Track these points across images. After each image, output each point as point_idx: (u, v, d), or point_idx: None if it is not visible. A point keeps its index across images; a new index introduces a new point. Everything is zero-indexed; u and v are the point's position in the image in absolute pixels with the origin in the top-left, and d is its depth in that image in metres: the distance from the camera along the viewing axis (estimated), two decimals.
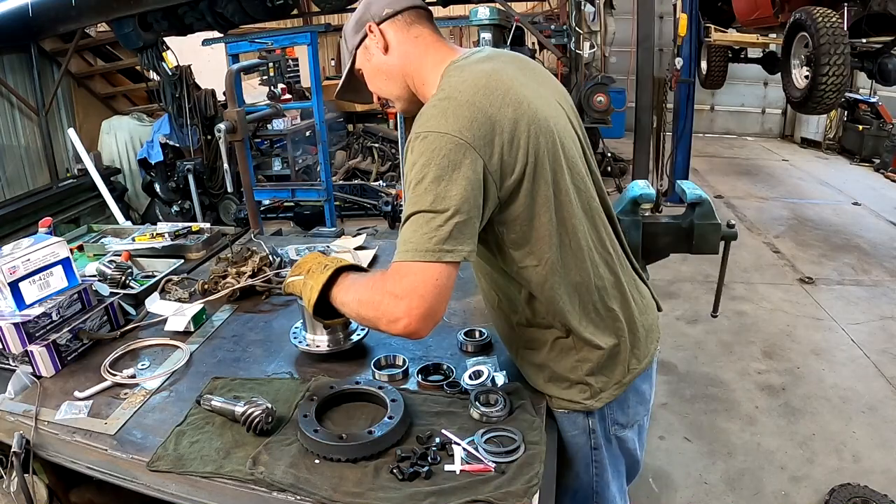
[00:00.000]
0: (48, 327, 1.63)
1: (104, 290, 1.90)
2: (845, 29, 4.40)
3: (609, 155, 8.61)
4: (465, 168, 1.12)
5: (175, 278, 2.10)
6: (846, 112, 9.50)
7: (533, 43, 6.16)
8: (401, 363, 1.55)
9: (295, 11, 6.28)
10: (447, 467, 1.19)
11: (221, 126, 3.33)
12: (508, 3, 4.95)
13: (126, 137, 6.65)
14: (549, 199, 1.22)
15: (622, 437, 1.47)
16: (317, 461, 1.22)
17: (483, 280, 1.45)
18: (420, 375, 1.49)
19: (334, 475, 1.19)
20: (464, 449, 1.22)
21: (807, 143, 10.46)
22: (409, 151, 1.17)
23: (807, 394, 3.50)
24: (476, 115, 1.15)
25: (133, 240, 2.46)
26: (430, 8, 1.42)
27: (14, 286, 1.63)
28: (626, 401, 1.43)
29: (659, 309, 1.55)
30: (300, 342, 1.61)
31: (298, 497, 1.15)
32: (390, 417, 1.28)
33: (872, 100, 9.08)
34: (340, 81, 1.46)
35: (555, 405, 1.40)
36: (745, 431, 3.19)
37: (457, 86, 1.20)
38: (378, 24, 1.33)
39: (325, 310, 1.39)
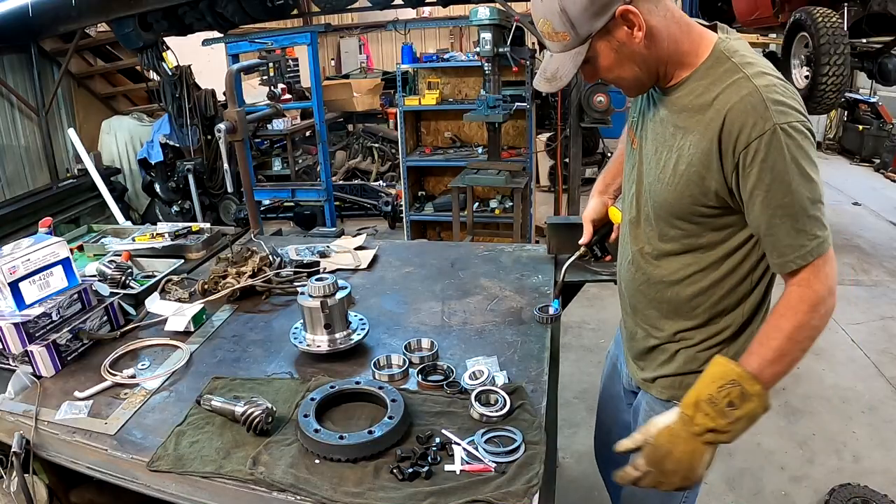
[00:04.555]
0: (48, 327, 1.63)
1: (104, 290, 1.90)
2: (845, 29, 4.39)
3: (609, 155, 8.63)
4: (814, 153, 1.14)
5: (175, 278, 2.11)
6: (846, 112, 9.48)
7: (533, 43, 6.15)
8: (400, 363, 1.55)
9: (295, 11, 6.25)
10: (447, 467, 1.19)
11: (221, 126, 3.32)
12: (508, 3, 4.94)
13: (126, 137, 6.64)
14: None
15: None
16: (317, 461, 1.22)
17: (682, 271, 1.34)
18: (420, 375, 1.49)
19: (334, 475, 1.19)
20: (464, 449, 1.22)
21: None
22: (779, 143, 1.09)
23: (807, 394, 3.50)
24: (801, 102, 1.15)
25: (133, 240, 2.47)
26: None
27: (14, 286, 1.63)
28: None
29: None
30: (300, 342, 1.61)
31: (298, 497, 1.15)
32: (390, 417, 1.28)
33: (872, 100, 9.06)
34: (546, 71, 1.24)
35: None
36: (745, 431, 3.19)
37: (772, 71, 1.15)
38: (632, 4, 1.12)
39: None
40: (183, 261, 2.34)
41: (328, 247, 2.36)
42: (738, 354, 1.32)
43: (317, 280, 1.59)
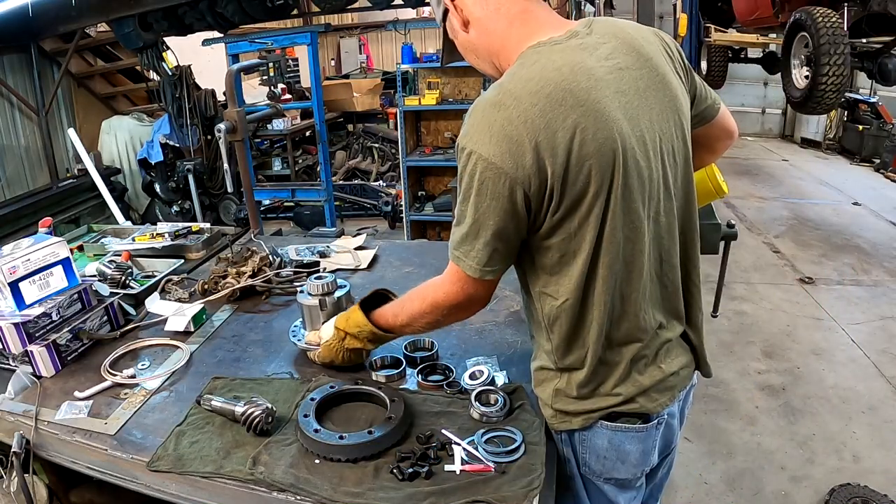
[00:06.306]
0: (48, 327, 1.63)
1: (104, 290, 1.90)
2: (845, 29, 4.40)
3: None
4: (503, 200, 1.05)
5: (175, 278, 2.10)
6: (846, 112, 9.49)
7: None
8: (400, 363, 1.55)
9: (295, 11, 6.26)
10: (447, 467, 1.19)
11: (221, 126, 3.32)
12: None
13: (126, 137, 6.65)
14: (590, 242, 1.09)
15: (598, 486, 1.30)
16: (317, 461, 1.22)
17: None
18: (420, 375, 1.49)
19: (334, 475, 1.19)
20: (464, 449, 1.22)
21: (807, 143, 10.46)
22: (458, 155, 1.10)
23: (807, 394, 3.50)
24: (524, 136, 1.02)
25: (133, 240, 2.46)
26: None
27: (14, 286, 1.62)
28: (599, 450, 1.25)
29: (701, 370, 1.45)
30: (299, 340, 1.61)
31: (298, 497, 1.15)
32: (390, 417, 1.28)
33: (872, 100, 9.08)
34: (441, 49, 1.34)
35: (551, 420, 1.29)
36: (745, 431, 3.19)
37: (516, 88, 1.05)
38: None
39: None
40: (183, 261, 2.34)
41: (328, 247, 2.36)
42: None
43: (316, 278, 1.59)
